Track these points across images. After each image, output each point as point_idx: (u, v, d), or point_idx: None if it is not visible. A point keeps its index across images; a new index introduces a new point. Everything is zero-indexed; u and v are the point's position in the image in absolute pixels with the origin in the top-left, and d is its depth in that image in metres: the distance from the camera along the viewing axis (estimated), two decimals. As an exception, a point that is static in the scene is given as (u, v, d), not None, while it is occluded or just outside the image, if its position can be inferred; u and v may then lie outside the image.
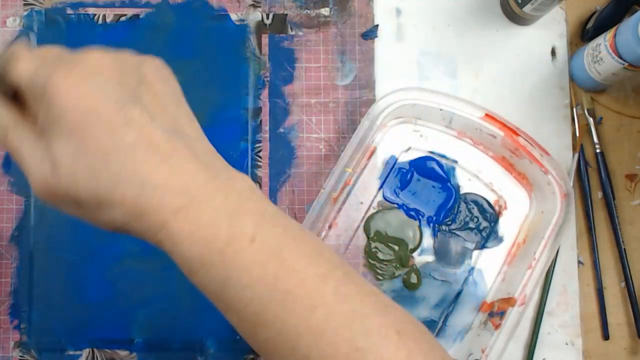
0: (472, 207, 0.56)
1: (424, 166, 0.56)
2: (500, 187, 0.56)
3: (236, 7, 0.57)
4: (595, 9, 0.58)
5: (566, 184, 0.53)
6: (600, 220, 0.57)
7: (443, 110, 0.54)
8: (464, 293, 0.55)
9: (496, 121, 0.54)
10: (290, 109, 0.57)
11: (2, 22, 0.56)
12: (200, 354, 0.54)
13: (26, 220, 0.55)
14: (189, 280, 0.34)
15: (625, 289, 0.56)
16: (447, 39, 0.58)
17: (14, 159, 0.34)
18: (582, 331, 0.56)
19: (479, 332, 0.54)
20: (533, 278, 0.52)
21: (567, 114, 0.58)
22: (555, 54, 0.58)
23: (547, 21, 0.58)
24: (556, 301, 0.56)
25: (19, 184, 0.55)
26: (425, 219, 0.56)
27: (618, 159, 0.58)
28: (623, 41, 0.50)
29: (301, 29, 0.58)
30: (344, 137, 0.57)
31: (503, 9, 0.58)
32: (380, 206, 0.56)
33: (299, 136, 0.57)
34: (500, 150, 0.56)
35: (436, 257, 0.56)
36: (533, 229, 0.55)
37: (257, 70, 0.57)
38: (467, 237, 0.56)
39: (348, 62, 0.58)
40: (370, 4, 0.58)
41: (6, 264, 0.54)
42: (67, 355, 0.54)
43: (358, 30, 0.58)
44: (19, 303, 0.54)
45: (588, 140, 0.58)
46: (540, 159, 0.53)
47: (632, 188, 0.58)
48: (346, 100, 0.57)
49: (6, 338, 0.54)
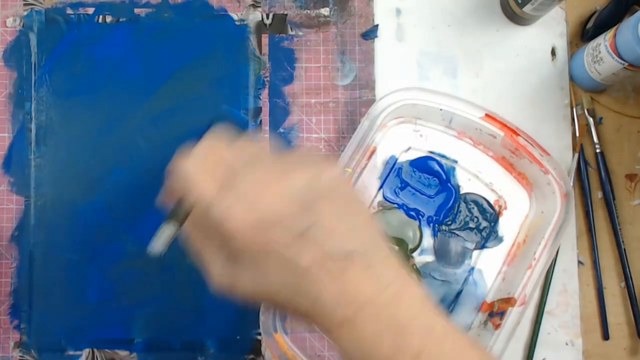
0: (472, 207, 0.56)
1: (424, 166, 0.56)
2: (500, 187, 0.56)
3: (236, 7, 0.57)
4: (595, 9, 0.58)
5: (566, 184, 0.53)
6: (600, 220, 0.57)
7: (443, 110, 0.54)
8: (464, 293, 0.55)
9: (496, 121, 0.54)
10: (290, 109, 0.57)
11: (2, 22, 0.56)
12: (200, 354, 0.54)
13: (26, 220, 0.55)
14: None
15: (625, 289, 0.56)
16: (447, 39, 0.58)
17: (193, 256, 0.38)
18: (582, 331, 0.56)
19: (479, 332, 0.54)
20: (533, 278, 0.52)
21: (567, 114, 0.58)
22: (555, 53, 0.58)
23: (547, 21, 0.58)
24: (556, 301, 0.56)
25: (19, 184, 0.55)
26: (425, 219, 0.56)
27: (618, 159, 0.58)
28: (623, 41, 0.50)
29: (301, 29, 0.58)
30: (344, 137, 0.57)
31: (503, 9, 0.58)
32: (380, 206, 0.56)
33: (299, 136, 0.57)
34: (500, 150, 0.56)
35: (436, 257, 0.56)
36: (533, 229, 0.55)
37: (257, 70, 0.57)
38: (467, 237, 0.56)
39: (348, 62, 0.58)
40: (370, 4, 0.58)
41: (6, 264, 0.54)
42: (67, 355, 0.54)
43: (358, 30, 0.58)
44: (19, 303, 0.54)
45: (588, 140, 0.58)
46: (540, 159, 0.53)
47: (632, 188, 0.58)
48: (346, 100, 0.57)
49: (6, 338, 0.54)
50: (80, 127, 0.56)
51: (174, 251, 0.55)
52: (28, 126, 0.56)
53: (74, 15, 0.57)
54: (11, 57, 0.56)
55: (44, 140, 0.55)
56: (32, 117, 0.56)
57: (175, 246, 0.55)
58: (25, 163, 0.55)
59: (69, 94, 0.56)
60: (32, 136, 0.55)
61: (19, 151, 0.55)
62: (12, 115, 0.56)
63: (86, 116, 0.56)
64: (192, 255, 0.38)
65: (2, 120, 0.56)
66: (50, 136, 0.56)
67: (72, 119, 0.56)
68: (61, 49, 0.56)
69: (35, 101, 0.56)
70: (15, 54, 0.56)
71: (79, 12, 0.57)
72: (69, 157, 0.55)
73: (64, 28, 0.56)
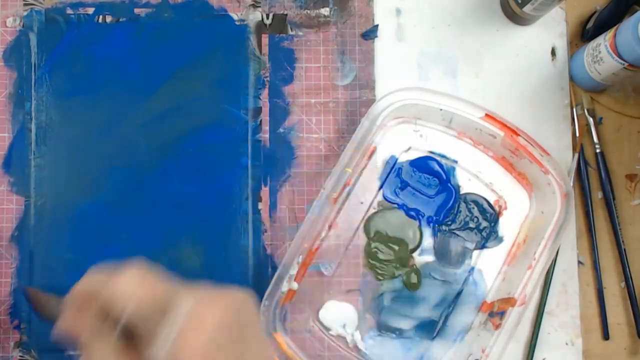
0: (472, 207, 0.56)
1: (424, 166, 0.56)
2: (500, 187, 0.56)
3: (236, 7, 0.57)
4: (595, 9, 0.58)
5: (566, 184, 0.53)
6: (600, 220, 0.57)
7: (443, 110, 0.54)
8: (464, 293, 0.55)
9: (496, 121, 0.54)
10: (290, 109, 0.57)
11: (2, 22, 0.56)
12: (200, 354, 0.54)
13: (26, 220, 0.55)
14: None
15: (625, 289, 0.56)
16: (447, 39, 0.58)
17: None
18: (582, 331, 0.56)
19: (479, 332, 0.54)
20: (533, 278, 0.52)
21: (567, 114, 0.58)
22: (555, 53, 0.58)
23: (547, 21, 0.58)
24: (556, 301, 0.56)
25: (19, 184, 0.55)
26: (425, 219, 0.56)
27: (618, 159, 0.58)
28: (623, 41, 0.50)
29: (301, 29, 0.58)
30: (344, 137, 0.57)
31: (503, 9, 0.58)
32: (380, 206, 0.56)
33: (299, 136, 0.57)
34: (500, 150, 0.56)
35: (436, 257, 0.56)
36: (533, 229, 0.55)
37: (257, 70, 0.57)
38: (467, 237, 0.56)
39: (348, 62, 0.58)
40: (370, 4, 0.58)
41: (6, 264, 0.54)
42: (67, 355, 0.54)
43: (358, 30, 0.58)
44: (19, 303, 0.54)
45: (588, 140, 0.58)
46: (540, 159, 0.53)
47: (632, 188, 0.58)
48: (346, 100, 0.57)
49: (6, 338, 0.54)
50: (80, 127, 0.56)
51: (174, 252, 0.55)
52: (28, 126, 0.56)
53: (74, 15, 0.57)
54: (11, 57, 0.56)
55: (44, 140, 0.55)
56: (32, 117, 0.56)
57: (176, 246, 0.55)
58: (25, 163, 0.55)
59: (69, 94, 0.56)
60: (32, 136, 0.55)
61: (19, 151, 0.55)
62: (12, 115, 0.56)
63: (86, 116, 0.56)
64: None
65: (2, 120, 0.56)
66: (50, 136, 0.56)
67: (72, 119, 0.56)
68: (61, 49, 0.56)
69: (35, 101, 0.56)
70: (15, 54, 0.56)
71: (79, 12, 0.57)
72: (69, 157, 0.55)
73: (64, 28, 0.56)
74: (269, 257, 0.55)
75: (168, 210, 0.55)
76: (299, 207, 0.56)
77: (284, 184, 0.56)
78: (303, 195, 0.56)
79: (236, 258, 0.55)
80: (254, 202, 0.56)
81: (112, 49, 0.56)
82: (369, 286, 0.55)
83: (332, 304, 0.55)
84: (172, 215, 0.55)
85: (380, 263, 0.55)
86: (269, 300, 0.51)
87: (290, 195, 0.56)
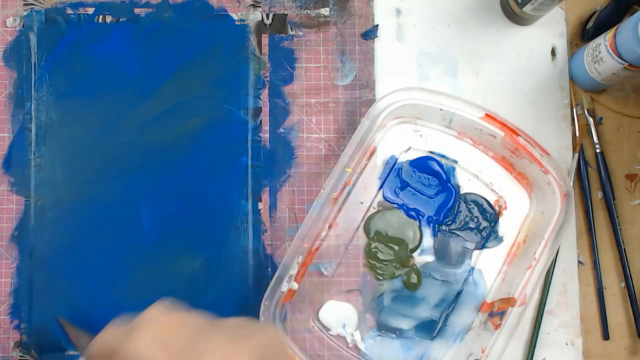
0: (472, 207, 0.56)
1: (424, 166, 0.56)
2: (500, 187, 0.56)
3: (236, 7, 0.57)
4: (595, 9, 0.58)
5: (566, 184, 0.53)
6: (600, 220, 0.57)
7: (443, 110, 0.54)
8: (464, 293, 0.55)
9: (496, 121, 0.54)
10: (290, 109, 0.57)
11: (2, 22, 0.56)
12: (200, 354, 0.54)
13: (26, 220, 0.55)
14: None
15: (625, 289, 0.56)
16: (447, 39, 0.58)
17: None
18: (582, 331, 0.56)
19: (479, 332, 0.54)
20: (533, 278, 0.52)
21: (567, 114, 0.58)
22: (555, 54, 0.58)
23: (547, 21, 0.58)
24: (556, 301, 0.56)
25: (19, 184, 0.55)
26: (425, 219, 0.56)
27: (618, 159, 0.58)
28: (623, 41, 0.50)
29: (301, 29, 0.58)
30: (344, 137, 0.57)
31: (503, 9, 0.58)
32: (380, 206, 0.56)
33: (299, 136, 0.57)
34: (500, 150, 0.56)
35: (436, 257, 0.56)
36: (533, 229, 0.55)
37: (257, 70, 0.57)
38: (467, 237, 0.56)
39: (348, 62, 0.58)
40: (370, 4, 0.58)
41: (6, 264, 0.54)
42: (67, 355, 0.54)
43: (358, 30, 0.58)
44: (19, 303, 0.54)
45: (588, 140, 0.58)
46: (540, 159, 0.53)
47: (632, 188, 0.58)
48: (346, 100, 0.57)
49: (6, 338, 0.54)
50: (80, 127, 0.56)
51: (174, 252, 0.55)
52: (28, 126, 0.56)
53: (74, 15, 0.57)
54: (11, 57, 0.56)
55: (44, 140, 0.55)
56: (32, 117, 0.56)
57: (176, 247, 0.55)
58: (25, 163, 0.55)
59: (68, 94, 0.56)
60: (32, 136, 0.55)
61: (19, 151, 0.55)
62: (12, 115, 0.56)
63: (86, 116, 0.56)
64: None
65: (2, 120, 0.56)
66: (50, 136, 0.56)
67: (72, 119, 0.56)
68: (61, 49, 0.56)
69: (35, 101, 0.56)
70: (15, 54, 0.56)
71: (79, 12, 0.57)
72: (69, 157, 0.55)
73: (64, 28, 0.56)
74: (269, 257, 0.55)
75: (168, 210, 0.55)
76: (299, 207, 0.56)
77: (284, 184, 0.56)
78: (303, 195, 0.56)
79: (236, 258, 0.55)
80: (254, 202, 0.56)
81: (112, 49, 0.56)
82: (369, 286, 0.55)
83: (332, 304, 0.55)
84: (172, 215, 0.55)
85: (380, 263, 0.55)
86: (269, 300, 0.51)
87: (290, 195, 0.56)
